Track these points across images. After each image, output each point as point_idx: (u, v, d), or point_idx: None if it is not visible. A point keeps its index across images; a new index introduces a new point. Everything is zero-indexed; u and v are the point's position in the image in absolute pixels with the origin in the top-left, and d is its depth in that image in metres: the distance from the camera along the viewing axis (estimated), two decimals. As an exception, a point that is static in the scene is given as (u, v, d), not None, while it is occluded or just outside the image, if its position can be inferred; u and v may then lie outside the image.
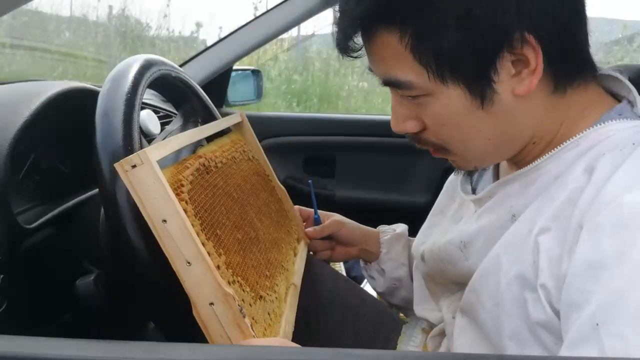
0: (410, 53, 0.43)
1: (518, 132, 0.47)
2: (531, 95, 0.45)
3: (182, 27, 7.11)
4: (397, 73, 0.45)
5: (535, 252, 0.44)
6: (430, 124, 0.48)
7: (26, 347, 0.33)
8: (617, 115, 0.45)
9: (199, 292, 0.44)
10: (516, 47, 0.42)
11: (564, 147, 0.46)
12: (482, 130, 0.46)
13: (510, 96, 0.44)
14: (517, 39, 0.41)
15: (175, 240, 0.44)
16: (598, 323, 0.37)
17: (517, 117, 0.46)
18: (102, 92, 0.53)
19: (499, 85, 0.44)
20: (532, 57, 0.42)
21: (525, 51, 0.42)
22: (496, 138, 0.47)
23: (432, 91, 0.45)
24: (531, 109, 0.46)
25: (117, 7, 4.58)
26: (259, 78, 1.46)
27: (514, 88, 0.44)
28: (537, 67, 0.43)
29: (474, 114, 0.45)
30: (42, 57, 3.68)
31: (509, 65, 0.43)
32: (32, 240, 0.56)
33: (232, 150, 0.68)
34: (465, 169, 0.53)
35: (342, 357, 0.34)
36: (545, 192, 0.45)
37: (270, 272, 0.60)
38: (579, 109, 0.47)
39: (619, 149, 0.42)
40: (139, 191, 0.44)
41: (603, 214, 0.40)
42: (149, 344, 0.35)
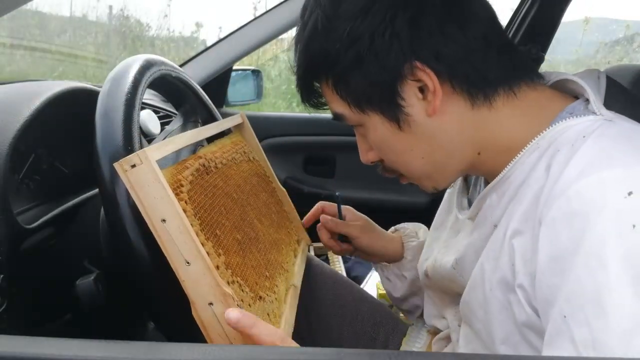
0: (335, 93, 0.52)
1: (448, 148, 0.51)
2: (447, 113, 0.49)
3: (182, 27, 7.11)
4: (334, 108, 0.54)
5: (511, 254, 0.46)
6: (377, 152, 0.55)
7: (26, 347, 0.33)
8: (568, 114, 0.47)
9: (198, 292, 0.44)
10: (411, 75, 0.47)
11: (525, 152, 0.48)
12: (413, 150, 0.52)
13: (424, 117, 0.49)
14: (407, 68, 0.47)
15: (175, 240, 0.44)
16: (565, 315, 0.39)
17: (439, 134, 0.50)
18: (102, 92, 0.53)
19: (410, 109, 0.49)
20: (428, 81, 0.47)
21: (421, 77, 0.47)
22: (428, 156, 0.52)
23: (361, 121, 0.52)
24: (451, 125, 0.50)
25: (117, 7, 4.59)
26: (259, 78, 1.46)
27: (425, 109, 0.49)
28: (435, 89, 0.47)
29: (398, 136, 0.51)
30: (42, 57, 3.68)
31: (415, 90, 0.48)
32: (32, 240, 0.56)
33: (232, 151, 0.68)
34: (426, 190, 0.57)
35: (342, 357, 0.34)
36: (515, 197, 0.48)
37: (270, 272, 0.60)
38: (526, 114, 0.49)
39: (570, 144, 0.44)
40: (139, 191, 0.44)
41: (555, 207, 0.41)
42: (149, 344, 0.35)
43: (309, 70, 0.53)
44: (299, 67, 0.53)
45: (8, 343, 0.33)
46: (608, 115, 0.46)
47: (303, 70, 0.53)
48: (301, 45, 0.52)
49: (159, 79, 0.62)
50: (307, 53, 0.51)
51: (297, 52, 0.53)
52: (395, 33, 0.46)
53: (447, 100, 0.48)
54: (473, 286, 0.52)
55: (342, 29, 0.48)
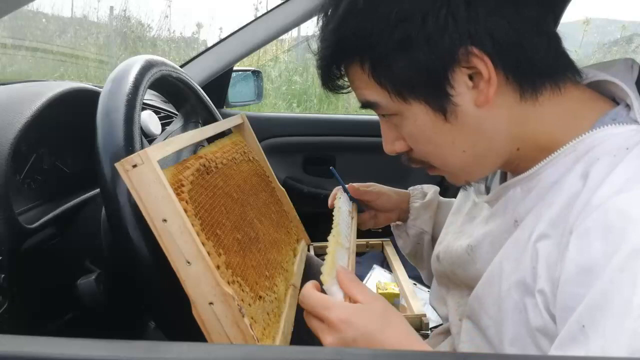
0: (372, 79, 0.47)
1: (492, 142, 0.48)
2: (496, 105, 0.46)
3: (182, 28, 7.11)
4: (367, 96, 0.49)
5: (534, 258, 0.44)
6: (410, 142, 0.51)
7: (27, 346, 0.33)
8: (611, 120, 0.46)
9: (198, 292, 0.45)
10: (464, 61, 0.44)
11: (561, 152, 0.46)
12: (454, 143, 0.48)
13: (473, 107, 0.46)
14: (462, 54, 0.44)
15: (175, 240, 0.44)
16: (584, 325, 0.38)
17: (486, 126, 0.47)
18: (103, 93, 0.53)
19: (458, 98, 0.46)
20: (483, 68, 0.44)
21: (475, 63, 0.44)
22: (470, 149, 0.49)
23: (400, 110, 0.48)
24: (499, 118, 0.47)
25: (118, 8, 4.59)
26: (259, 79, 1.46)
27: (475, 99, 0.46)
28: (490, 77, 0.44)
29: (441, 128, 0.47)
30: (43, 57, 3.68)
31: (465, 78, 0.45)
32: (34, 240, 0.56)
33: (232, 152, 0.68)
34: (457, 183, 0.54)
35: (342, 356, 0.34)
36: (544, 198, 0.46)
37: (270, 272, 0.60)
38: (567, 113, 0.47)
39: (612, 154, 0.43)
40: (140, 191, 0.44)
41: (591, 218, 0.41)
42: (150, 343, 0.35)
43: (340, 51, 0.48)
44: (327, 47, 0.48)
45: (8, 343, 0.33)
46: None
47: (332, 51, 0.48)
48: (334, 24, 0.47)
49: (159, 79, 0.62)
50: (341, 32, 0.46)
51: (324, 30, 0.48)
52: (450, 13, 0.42)
53: (499, 90, 0.45)
54: (488, 282, 0.50)
55: (389, 7, 0.43)
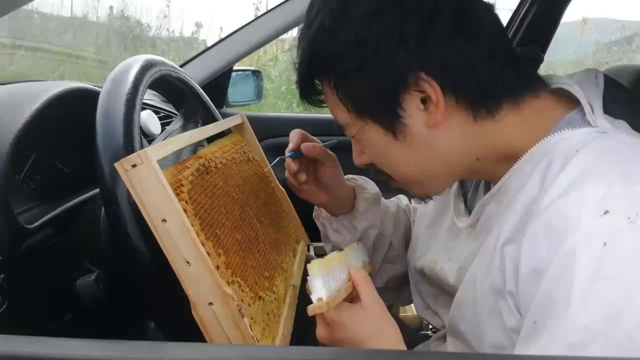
0: (335, 96, 0.51)
1: (444, 158, 0.51)
2: (448, 125, 0.49)
3: (182, 27, 7.10)
4: (336, 115, 0.53)
5: (502, 262, 0.47)
6: (369, 157, 0.55)
7: (26, 346, 0.33)
8: (565, 124, 0.48)
9: (198, 292, 0.45)
10: (415, 85, 0.47)
11: (522, 161, 0.49)
12: (406, 159, 0.51)
13: (424, 128, 0.49)
14: (412, 79, 0.47)
15: (175, 240, 0.44)
16: (536, 321, 0.41)
17: (437, 145, 0.50)
18: (103, 93, 0.53)
19: (409, 120, 0.49)
20: (432, 93, 0.47)
21: (424, 88, 0.47)
22: (422, 165, 0.52)
23: (360, 128, 0.52)
24: (451, 137, 0.49)
25: (118, 8, 4.59)
26: (259, 78, 1.46)
27: (426, 121, 0.49)
28: (438, 102, 0.47)
29: (392, 145, 0.51)
30: (42, 57, 3.68)
31: (416, 101, 0.48)
32: (33, 240, 0.56)
33: (232, 152, 0.68)
34: (418, 197, 0.57)
35: (342, 356, 0.34)
36: (509, 206, 0.48)
37: (270, 272, 0.60)
38: (526, 124, 0.49)
39: (563, 157, 0.45)
40: (139, 190, 0.44)
41: (537, 222, 0.43)
42: (149, 344, 0.35)
43: (311, 68, 0.52)
44: (301, 64, 0.53)
45: (8, 343, 0.33)
46: (603, 127, 0.47)
47: (305, 68, 0.52)
48: (305, 43, 0.51)
49: (159, 79, 0.62)
50: (311, 51, 0.51)
51: (300, 48, 0.52)
52: (402, 40, 0.46)
53: (449, 113, 0.48)
54: (465, 288, 0.53)
55: (349, 31, 0.47)
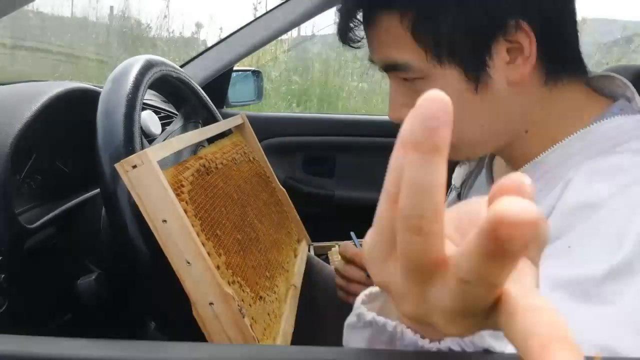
0: (410, 35, 0.44)
1: (510, 121, 0.48)
2: (524, 85, 0.46)
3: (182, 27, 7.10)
4: (395, 55, 0.46)
5: None
6: None
7: (26, 346, 0.33)
8: (619, 110, 0.46)
9: (198, 292, 0.45)
10: (510, 34, 0.43)
11: (571, 139, 0.46)
12: (476, 116, 0.47)
13: (504, 83, 0.45)
14: (511, 25, 0.43)
15: (176, 240, 0.44)
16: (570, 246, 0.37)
17: (510, 105, 0.46)
18: (103, 93, 0.53)
19: (493, 71, 0.45)
20: (526, 45, 0.43)
21: (519, 38, 0.43)
22: (489, 125, 0.48)
23: (429, 74, 0.45)
24: (524, 98, 0.47)
25: (118, 8, 4.59)
26: (259, 79, 1.46)
27: (508, 75, 0.45)
28: (530, 55, 0.44)
29: (468, 99, 0.46)
30: (42, 57, 3.68)
31: (503, 52, 0.44)
32: (34, 240, 0.56)
33: (232, 152, 0.68)
34: (455, 158, 0.53)
35: (342, 356, 0.34)
36: (548, 180, 0.45)
37: (270, 272, 0.60)
38: (572, 106, 0.47)
39: (622, 136, 0.43)
40: (139, 191, 0.44)
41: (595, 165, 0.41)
42: (150, 343, 0.35)
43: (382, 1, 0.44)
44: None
45: (8, 343, 0.33)
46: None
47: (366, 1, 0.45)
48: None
49: (159, 79, 0.62)
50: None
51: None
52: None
53: (531, 70, 0.45)
54: None
55: None
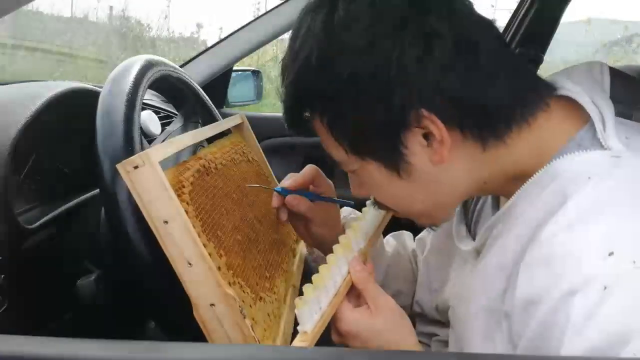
0: (330, 135, 0.47)
1: (453, 189, 0.48)
2: (455, 159, 0.45)
3: (182, 27, 7.11)
4: (331, 152, 0.49)
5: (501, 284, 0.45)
6: (371, 193, 0.52)
7: (26, 346, 0.33)
8: (576, 146, 0.45)
9: (199, 293, 0.44)
10: (415, 123, 0.43)
11: (529, 184, 0.46)
12: (412, 195, 0.48)
13: (429, 165, 0.46)
14: (413, 116, 0.43)
15: (177, 241, 0.44)
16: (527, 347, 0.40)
17: (445, 179, 0.47)
18: (103, 93, 0.53)
19: (412, 157, 0.45)
20: (435, 130, 0.43)
21: (426, 125, 0.43)
22: (430, 199, 0.49)
23: (359, 167, 0.48)
24: (459, 169, 0.47)
25: (118, 8, 4.59)
26: (259, 79, 1.46)
27: (430, 158, 0.45)
28: (443, 138, 0.43)
29: (396, 184, 0.47)
30: (43, 57, 3.68)
31: (419, 138, 0.44)
32: (33, 240, 0.56)
33: (231, 152, 0.68)
34: (424, 226, 0.56)
35: (342, 356, 0.34)
36: (513, 228, 0.46)
37: (270, 273, 0.60)
38: (536, 143, 0.46)
39: (572, 184, 0.42)
40: (141, 192, 0.44)
41: (537, 250, 0.41)
42: (150, 343, 0.35)
43: (299, 104, 0.47)
44: (288, 97, 0.47)
45: (8, 343, 0.33)
46: (616, 149, 0.43)
47: (291, 103, 0.48)
48: (291, 77, 0.46)
49: (159, 79, 0.62)
50: (298, 87, 0.46)
51: (284, 79, 0.47)
52: (400, 74, 0.41)
53: (456, 147, 0.45)
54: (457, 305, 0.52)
55: (341, 67, 0.42)
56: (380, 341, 0.47)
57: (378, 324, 0.48)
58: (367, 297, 0.50)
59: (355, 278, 0.51)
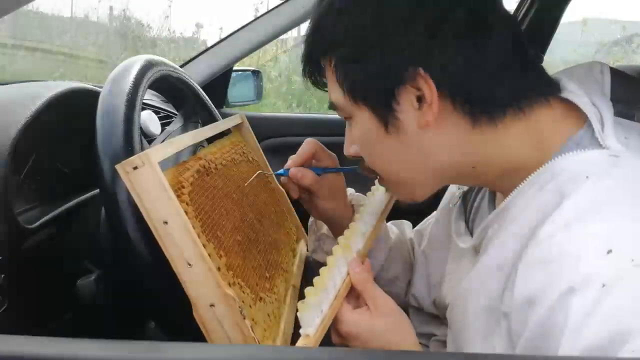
0: (334, 76, 0.49)
1: (436, 163, 0.49)
2: (442, 129, 0.47)
3: (183, 28, 7.11)
4: (331, 95, 0.52)
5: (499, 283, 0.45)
6: (359, 148, 0.52)
7: (26, 346, 0.33)
8: (574, 145, 0.45)
9: (199, 293, 0.45)
10: (411, 81, 0.45)
11: (527, 183, 0.46)
12: (394, 155, 0.50)
13: (415, 127, 0.47)
14: (410, 73, 0.45)
15: (177, 242, 0.44)
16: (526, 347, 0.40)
17: (428, 147, 0.48)
18: (103, 93, 0.53)
19: (402, 115, 0.47)
20: (427, 91, 0.45)
21: (420, 85, 0.45)
22: (410, 165, 0.50)
23: (352, 114, 0.50)
24: (444, 141, 0.47)
25: (118, 8, 4.60)
26: (259, 79, 1.46)
27: (417, 120, 0.47)
28: (432, 102, 0.45)
29: (383, 138, 0.49)
30: (43, 57, 3.68)
31: (411, 97, 0.46)
32: (33, 240, 0.56)
33: (231, 152, 0.68)
34: (403, 200, 0.55)
35: (342, 356, 0.34)
36: (510, 228, 0.46)
37: (270, 273, 0.60)
38: (533, 138, 0.47)
39: (570, 184, 0.43)
40: (141, 192, 0.44)
41: (536, 249, 0.42)
42: (150, 343, 0.35)
43: (315, 45, 0.51)
44: (307, 39, 0.51)
45: (8, 343, 0.33)
46: (614, 148, 0.44)
47: (309, 44, 0.51)
48: (313, 18, 0.50)
49: (159, 79, 0.62)
50: (317, 28, 0.50)
51: (308, 28, 0.51)
52: (408, 34, 0.44)
53: (445, 116, 0.46)
54: (455, 305, 0.52)
55: (357, 15, 0.46)
56: (380, 341, 0.48)
57: (378, 324, 0.48)
58: (366, 298, 0.50)
59: (355, 279, 0.51)
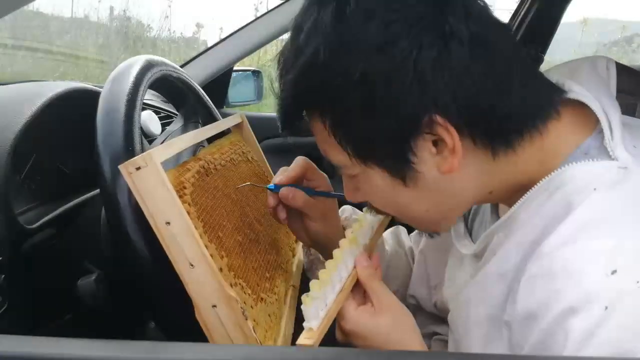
0: (332, 138, 0.44)
1: (458, 198, 0.47)
2: (464, 168, 0.43)
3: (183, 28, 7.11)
4: (329, 155, 0.47)
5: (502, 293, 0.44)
6: (368, 199, 0.49)
7: (26, 347, 0.33)
8: (582, 154, 0.43)
9: (202, 294, 0.44)
10: (428, 128, 0.41)
11: (533, 192, 0.44)
12: (417, 204, 0.46)
13: (437, 173, 0.44)
14: (426, 122, 0.41)
15: (179, 242, 0.44)
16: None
17: (452, 188, 0.45)
18: (104, 93, 0.53)
19: (421, 165, 0.43)
20: (448, 138, 0.41)
21: (439, 132, 0.41)
22: (435, 208, 0.47)
23: (359, 172, 0.46)
24: (467, 178, 0.45)
25: (119, 8, 4.59)
26: (259, 79, 1.46)
27: (439, 166, 0.43)
28: (455, 146, 0.41)
29: (401, 192, 0.45)
30: (43, 57, 3.68)
31: (428, 145, 0.42)
32: (33, 240, 0.56)
33: (230, 152, 0.68)
34: (427, 232, 0.53)
35: (342, 356, 0.34)
36: (515, 237, 0.45)
37: (270, 273, 0.60)
38: (545, 152, 0.45)
39: (577, 194, 0.41)
40: (143, 193, 0.44)
41: (538, 263, 0.40)
42: (150, 344, 0.35)
43: (300, 104, 0.45)
44: (287, 96, 0.45)
45: (8, 343, 0.33)
46: (623, 159, 0.42)
47: (291, 103, 0.45)
48: (293, 74, 0.43)
49: (160, 79, 0.62)
50: (301, 86, 0.43)
51: (283, 78, 0.44)
52: (417, 75, 0.39)
53: (466, 155, 0.42)
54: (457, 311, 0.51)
55: (354, 65, 0.40)
56: (384, 340, 0.47)
57: (382, 323, 0.48)
58: (371, 296, 0.49)
59: (361, 274, 0.50)
